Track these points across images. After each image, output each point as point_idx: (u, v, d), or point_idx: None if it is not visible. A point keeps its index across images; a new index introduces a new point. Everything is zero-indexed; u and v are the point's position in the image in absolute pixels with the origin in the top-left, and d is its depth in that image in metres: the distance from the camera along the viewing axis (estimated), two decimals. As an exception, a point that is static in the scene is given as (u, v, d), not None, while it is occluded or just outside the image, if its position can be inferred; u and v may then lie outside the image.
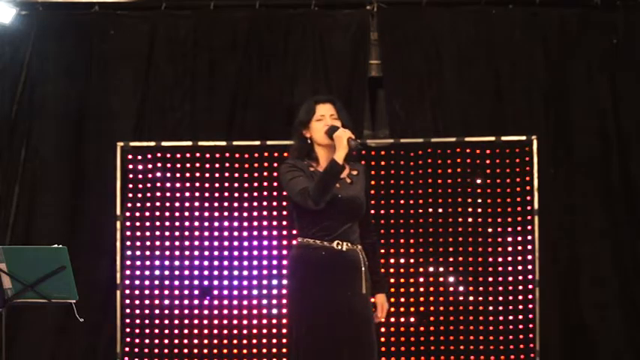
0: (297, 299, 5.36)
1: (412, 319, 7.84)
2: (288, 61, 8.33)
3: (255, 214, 7.92)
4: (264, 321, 7.84)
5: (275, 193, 7.89)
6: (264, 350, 7.83)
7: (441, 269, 7.86)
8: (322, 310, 5.23)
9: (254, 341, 7.84)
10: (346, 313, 5.23)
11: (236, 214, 7.93)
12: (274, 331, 7.83)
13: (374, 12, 8.33)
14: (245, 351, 7.84)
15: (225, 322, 7.86)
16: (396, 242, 7.81)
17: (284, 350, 7.77)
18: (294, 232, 5.54)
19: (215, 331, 7.86)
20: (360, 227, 5.40)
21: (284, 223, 7.85)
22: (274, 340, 7.83)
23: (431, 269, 7.87)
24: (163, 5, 8.34)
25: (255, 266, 7.88)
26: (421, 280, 7.86)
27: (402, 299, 7.82)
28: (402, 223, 7.84)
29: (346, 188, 5.34)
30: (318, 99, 5.45)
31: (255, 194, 7.93)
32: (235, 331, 7.86)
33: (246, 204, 7.93)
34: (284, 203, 7.79)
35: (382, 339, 7.69)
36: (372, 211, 6.06)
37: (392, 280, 7.75)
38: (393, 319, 7.73)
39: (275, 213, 7.88)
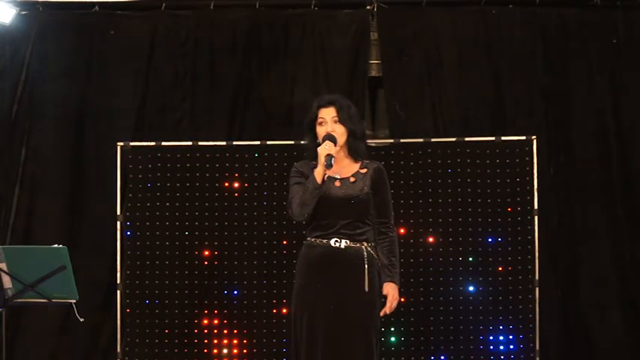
0: (296, 297, 5.37)
1: (412, 319, 7.84)
2: (288, 61, 8.34)
3: (255, 214, 7.92)
4: (265, 320, 7.84)
5: (275, 193, 7.89)
6: (265, 350, 7.83)
7: (441, 269, 7.87)
8: (317, 308, 5.23)
9: (254, 341, 7.84)
10: (340, 313, 5.21)
11: (236, 214, 7.93)
12: (274, 330, 7.83)
13: (374, 12, 8.33)
14: (245, 351, 7.85)
15: (225, 322, 7.86)
16: (396, 242, 7.81)
17: (284, 350, 7.77)
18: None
19: (215, 331, 7.86)
20: (377, 225, 5.39)
21: (284, 222, 7.85)
22: (274, 340, 7.83)
23: (431, 269, 7.87)
24: (163, 5, 8.34)
25: (255, 266, 7.89)
26: (421, 279, 7.87)
27: (402, 299, 7.81)
28: (401, 222, 7.84)
29: (346, 187, 5.34)
30: (321, 103, 5.42)
31: (255, 194, 7.93)
32: (235, 331, 7.86)
33: (245, 204, 7.93)
34: (284, 203, 7.78)
35: (382, 338, 7.69)
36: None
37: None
38: (392, 319, 7.72)
39: (275, 213, 7.88)
